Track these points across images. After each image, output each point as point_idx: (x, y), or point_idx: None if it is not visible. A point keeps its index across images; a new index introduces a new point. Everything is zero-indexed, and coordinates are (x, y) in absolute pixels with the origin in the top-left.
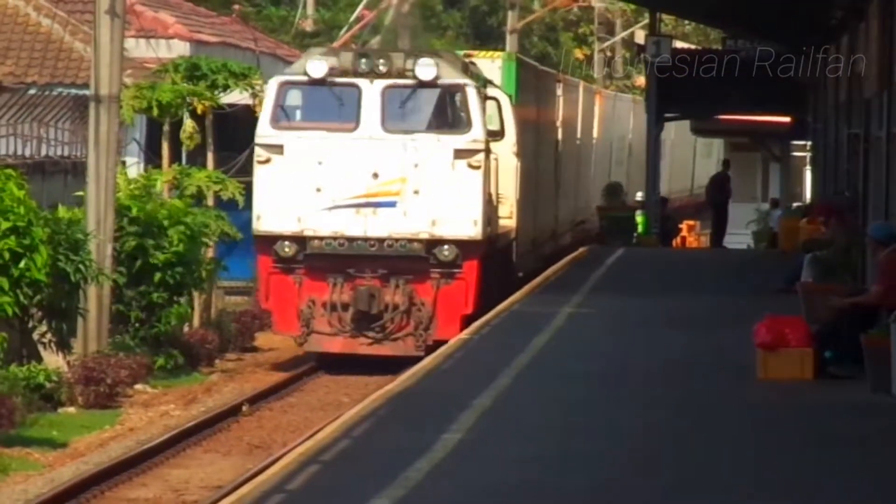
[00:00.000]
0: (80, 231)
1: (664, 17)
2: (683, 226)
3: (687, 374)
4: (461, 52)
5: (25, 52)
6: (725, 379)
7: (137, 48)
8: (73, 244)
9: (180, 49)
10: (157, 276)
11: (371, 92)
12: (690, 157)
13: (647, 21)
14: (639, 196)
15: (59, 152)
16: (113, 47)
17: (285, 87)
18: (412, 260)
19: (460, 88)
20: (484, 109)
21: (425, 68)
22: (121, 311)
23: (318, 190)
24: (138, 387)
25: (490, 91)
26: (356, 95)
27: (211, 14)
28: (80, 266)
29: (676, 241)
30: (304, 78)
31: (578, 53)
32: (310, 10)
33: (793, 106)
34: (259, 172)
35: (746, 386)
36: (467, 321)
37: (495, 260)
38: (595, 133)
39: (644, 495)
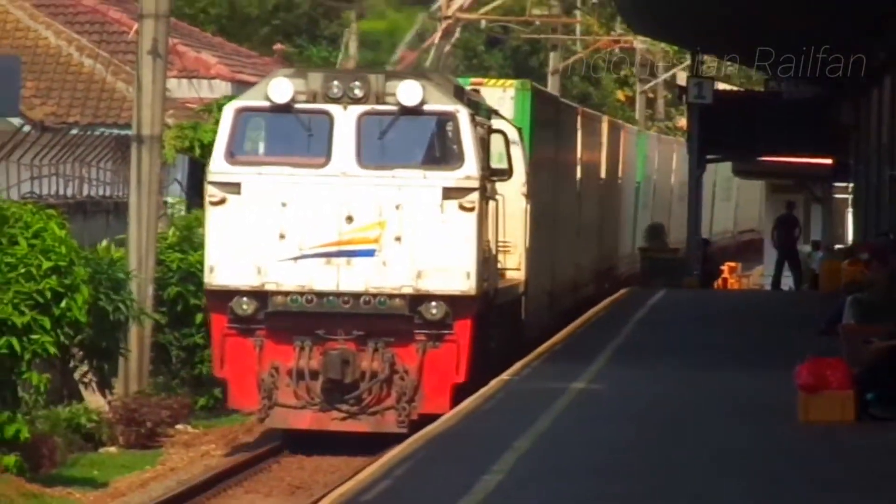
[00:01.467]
0: (121, 270)
1: (706, 58)
2: (725, 267)
3: (727, 415)
4: (468, 81)
5: (68, 91)
6: (766, 421)
7: (179, 88)
8: (115, 284)
9: (222, 89)
10: (199, 317)
11: (345, 120)
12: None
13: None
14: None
15: (100, 192)
16: (155, 87)
17: (243, 114)
18: (393, 319)
19: (451, 116)
20: (483, 142)
21: (409, 92)
22: (162, 350)
23: (282, 236)
24: (179, 427)
25: (496, 123)
26: (327, 124)
27: (252, 54)
28: (121, 305)
29: (718, 283)
30: (266, 104)
31: (620, 95)
32: (352, 50)
33: (835, 147)
34: (212, 215)
35: (787, 428)
36: (459, 392)
37: (498, 318)
38: (620, 172)
39: None
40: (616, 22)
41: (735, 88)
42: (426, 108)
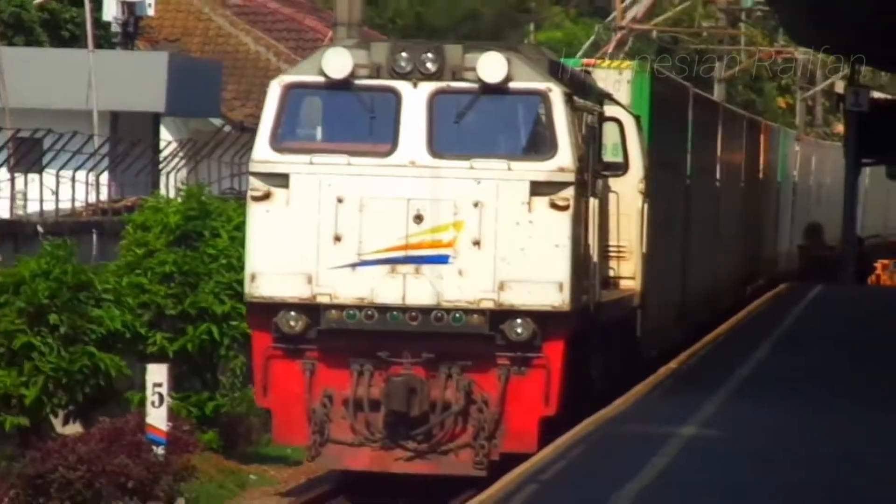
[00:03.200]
0: None
1: (863, 68)
2: (878, 264)
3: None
4: (580, 62)
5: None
6: None
7: None
8: None
9: None
10: None
11: (415, 100)
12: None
13: (846, 72)
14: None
15: None
16: None
17: (293, 91)
18: (471, 339)
19: (543, 95)
20: (593, 130)
21: (492, 66)
22: None
23: (338, 239)
24: None
25: (609, 110)
26: (393, 105)
27: None
28: None
29: (871, 279)
30: (321, 79)
31: (781, 102)
32: None
33: None
34: (255, 213)
35: None
36: (549, 427)
37: (604, 337)
38: (771, 172)
39: None
40: (778, 34)
41: (890, 97)
42: (512, 85)
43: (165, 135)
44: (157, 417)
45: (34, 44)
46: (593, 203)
